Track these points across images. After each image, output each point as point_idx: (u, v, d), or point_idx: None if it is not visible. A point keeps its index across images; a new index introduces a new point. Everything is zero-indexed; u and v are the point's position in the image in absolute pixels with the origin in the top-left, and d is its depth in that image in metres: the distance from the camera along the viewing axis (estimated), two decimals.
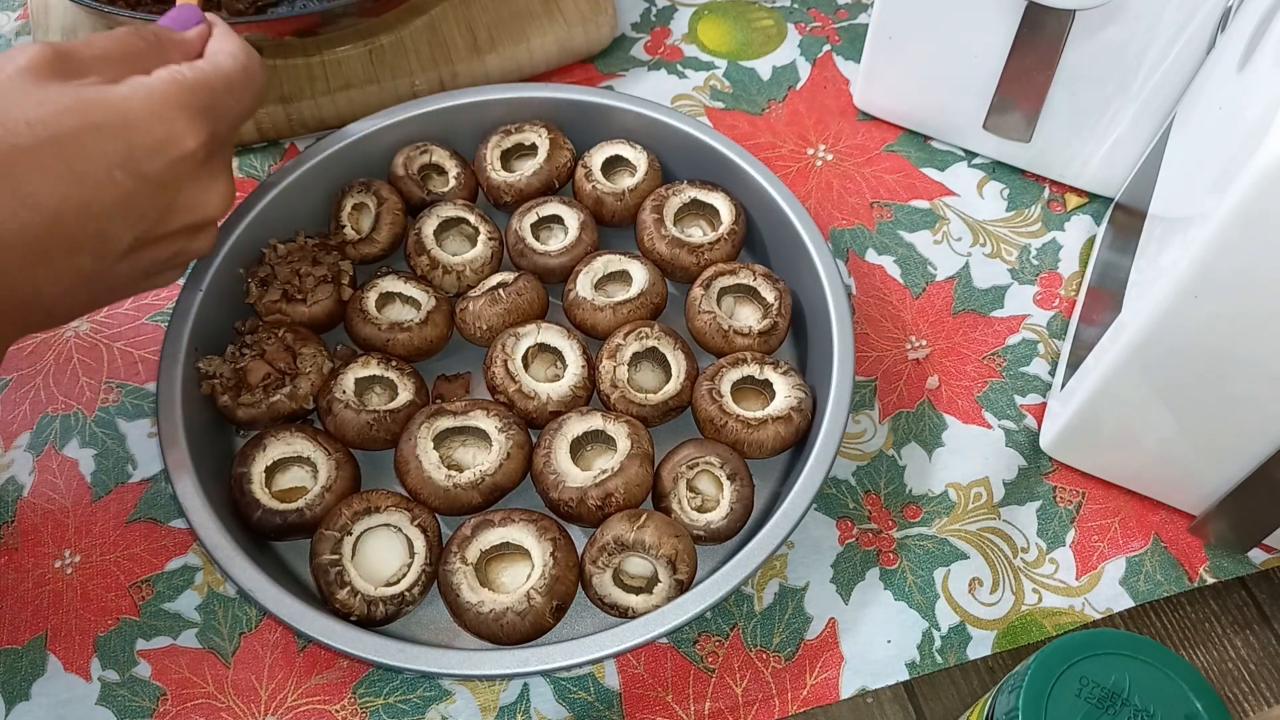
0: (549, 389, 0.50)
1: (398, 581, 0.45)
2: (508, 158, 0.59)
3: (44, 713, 0.46)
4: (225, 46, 0.45)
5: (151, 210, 0.41)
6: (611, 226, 0.58)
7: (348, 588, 0.44)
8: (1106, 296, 0.50)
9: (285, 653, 0.47)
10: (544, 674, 0.47)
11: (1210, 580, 0.50)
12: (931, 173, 0.64)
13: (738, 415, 0.49)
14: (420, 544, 0.46)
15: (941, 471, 0.53)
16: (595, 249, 0.56)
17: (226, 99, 0.43)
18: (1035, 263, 0.60)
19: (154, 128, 0.39)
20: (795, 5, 0.72)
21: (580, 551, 0.47)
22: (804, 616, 0.49)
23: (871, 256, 0.60)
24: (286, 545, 0.49)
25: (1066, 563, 0.50)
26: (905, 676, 0.47)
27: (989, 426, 0.54)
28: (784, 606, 0.49)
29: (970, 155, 0.64)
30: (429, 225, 0.55)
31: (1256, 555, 0.51)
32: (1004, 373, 0.56)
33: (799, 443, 0.50)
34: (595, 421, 0.49)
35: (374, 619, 0.44)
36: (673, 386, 0.51)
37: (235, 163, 0.63)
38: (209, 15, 0.48)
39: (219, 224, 0.45)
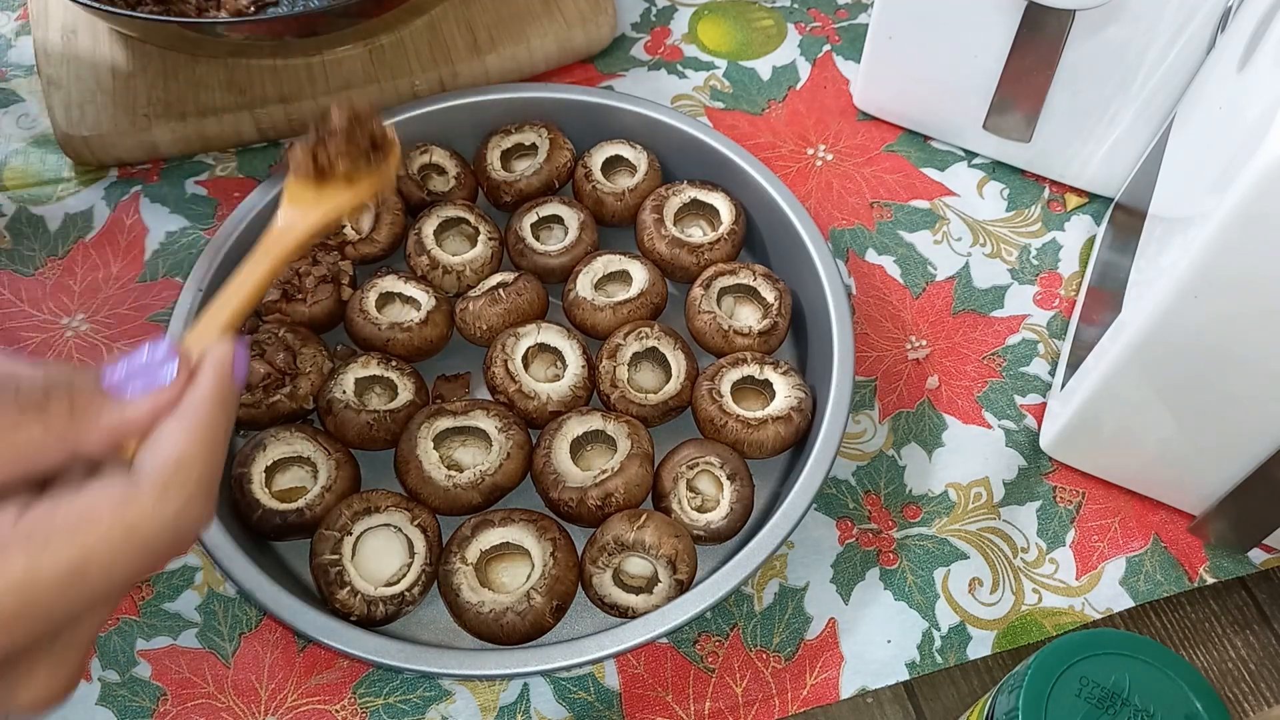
0: (549, 389, 0.50)
1: (398, 581, 0.45)
2: (508, 158, 0.59)
3: None
4: (144, 467, 0.28)
5: None
6: (611, 226, 0.58)
7: (348, 588, 0.44)
8: (1106, 296, 0.50)
9: (285, 653, 0.47)
10: (544, 674, 0.47)
11: (1210, 580, 0.50)
12: (931, 173, 0.63)
13: (738, 415, 0.49)
14: (420, 544, 0.46)
15: (941, 471, 0.53)
16: (595, 249, 0.56)
17: (59, 600, 0.26)
18: (1035, 263, 0.60)
19: None
20: (795, 5, 0.72)
21: (580, 551, 0.47)
22: (804, 616, 0.49)
23: (871, 256, 0.60)
24: (286, 545, 0.49)
25: (1066, 563, 0.50)
26: (905, 676, 0.47)
27: (989, 426, 0.54)
28: (784, 606, 0.49)
29: (970, 155, 0.64)
30: (429, 225, 0.55)
31: (1256, 555, 0.51)
32: (1004, 373, 0.56)
33: (799, 443, 0.50)
34: (595, 421, 0.49)
35: (374, 619, 0.44)
36: (673, 386, 0.51)
37: (235, 163, 0.63)
38: (203, 377, 0.30)
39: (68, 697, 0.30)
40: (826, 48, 0.69)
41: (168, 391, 0.30)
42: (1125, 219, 0.54)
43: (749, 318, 0.54)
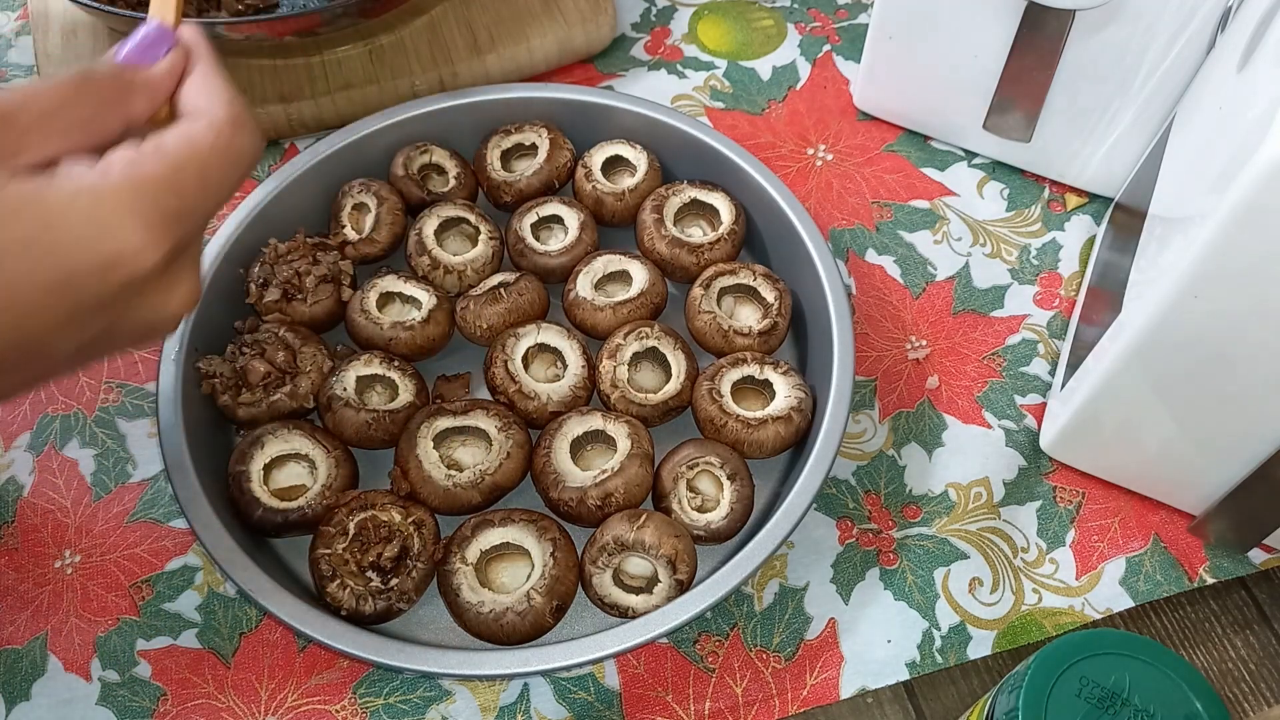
0: (549, 389, 0.50)
1: (390, 578, 0.45)
2: (508, 158, 0.59)
3: (44, 713, 0.46)
4: (204, 105, 0.34)
5: (97, 324, 0.33)
6: (611, 226, 0.58)
7: (337, 581, 0.44)
8: (1106, 296, 0.50)
9: (285, 653, 0.47)
10: (544, 674, 0.47)
11: (1210, 580, 0.50)
12: (931, 173, 0.64)
13: (738, 415, 0.49)
14: (416, 542, 0.46)
15: (941, 471, 0.53)
16: (595, 249, 0.56)
17: (198, 193, 0.33)
18: (1035, 263, 0.60)
19: (101, 245, 0.30)
20: (795, 5, 0.72)
21: (580, 551, 0.47)
22: (804, 616, 0.49)
23: (871, 256, 0.60)
24: (286, 544, 0.49)
25: (1066, 563, 0.50)
26: (905, 676, 0.47)
27: (989, 426, 0.54)
28: (784, 606, 0.49)
29: (970, 155, 0.64)
30: (429, 225, 0.55)
31: (1256, 555, 0.51)
32: (1004, 373, 0.56)
33: (799, 443, 0.50)
34: (595, 421, 0.49)
35: (363, 614, 0.44)
36: (673, 386, 0.51)
37: None
38: (185, 33, 0.37)
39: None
40: (826, 48, 0.69)
41: (177, 56, 0.36)
42: (1125, 219, 0.54)
43: (749, 318, 0.54)
